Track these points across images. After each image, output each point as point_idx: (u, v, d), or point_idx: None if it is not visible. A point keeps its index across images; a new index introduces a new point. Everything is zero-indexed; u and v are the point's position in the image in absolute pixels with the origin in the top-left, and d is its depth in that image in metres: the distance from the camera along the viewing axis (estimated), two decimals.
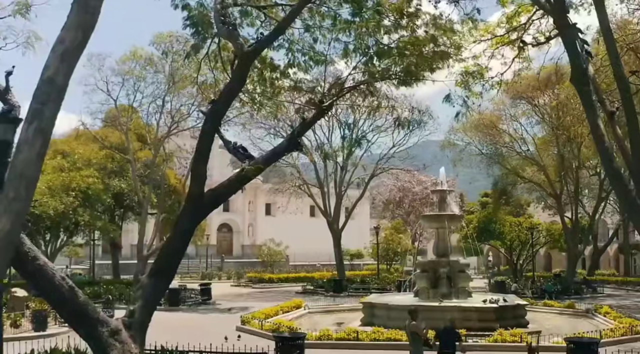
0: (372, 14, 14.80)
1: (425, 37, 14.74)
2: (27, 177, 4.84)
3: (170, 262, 10.85)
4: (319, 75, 16.51)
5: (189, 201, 10.73)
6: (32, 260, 9.08)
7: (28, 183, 4.87)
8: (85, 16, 5.41)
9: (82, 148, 33.36)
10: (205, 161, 10.75)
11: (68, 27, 5.29)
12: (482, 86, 14.61)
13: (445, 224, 22.66)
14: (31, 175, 4.88)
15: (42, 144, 4.97)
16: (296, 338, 11.85)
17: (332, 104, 14.07)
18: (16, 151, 4.97)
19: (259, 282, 41.63)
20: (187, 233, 10.88)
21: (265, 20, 14.73)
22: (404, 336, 14.15)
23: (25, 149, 4.89)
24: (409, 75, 14.45)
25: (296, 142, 12.19)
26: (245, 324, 18.96)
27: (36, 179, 5.01)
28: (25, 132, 4.94)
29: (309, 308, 24.17)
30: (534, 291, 31.66)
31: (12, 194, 4.77)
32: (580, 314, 23.10)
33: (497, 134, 35.44)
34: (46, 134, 5.02)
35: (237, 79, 11.17)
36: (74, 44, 5.27)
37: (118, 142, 34.36)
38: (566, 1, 13.88)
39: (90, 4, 5.44)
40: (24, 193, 4.85)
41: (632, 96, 9.69)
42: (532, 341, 11.01)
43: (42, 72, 5.20)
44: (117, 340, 9.65)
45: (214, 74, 16.77)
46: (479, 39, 15.23)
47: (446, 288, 20.98)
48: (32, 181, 4.92)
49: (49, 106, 5.02)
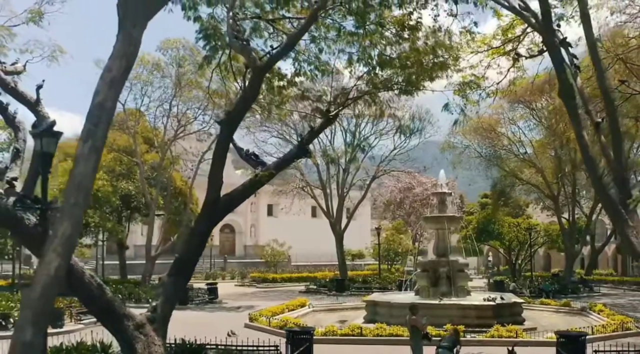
0: (375, 26, 15.66)
1: (425, 49, 15.59)
2: (84, 187, 5.66)
3: (189, 262, 11.70)
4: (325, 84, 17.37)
5: (206, 205, 11.56)
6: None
7: (85, 193, 5.69)
8: (129, 47, 6.23)
9: None
10: (222, 168, 11.58)
11: (115, 57, 6.12)
12: (479, 95, 15.47)
13: (445, 225, 23.48)
14: (87, 186, 5.70)
15: (96, 159, 5.79)
16: (305, 332, 12.68)
17: (338, 113, 14.93)
18: (75, 165, 5.78)
19: (263, 282, 42.45)
20: (205, 235, 11.73)
21: (273, 32, 15.62)
22: (405, 332, 14.96)
23: (82, 163, 5.70)
24: (410, 85, 15.29)
25: (305, 149, 13.06)
26: (254, 321, 19.77)
27: (91, 189, 5.83)
28: (82, 149, 5.76)
29: (313, 307, 25.01)
30: (531, 290, 32.43)
31: (73, 201, 5.59)
32: (575, 312, 23.90)
33: (495, 137, 36.27)
34: (99, 151, 5.84)
35: (250, 91, 12.01)
36: (119, 72, 6.10)
37: (125, 145, 35.16)
38: (558, 14, 14.76)
39: (133, 36, 6.27)
40: (81, 201, 5.67)
41: (615, 109, 10.47)
42: (512, 347, 11.78)
43: (92, 97, 6.02)
44: (142, 333, 10.48)
45: (225, 83, 17.68)
46: (476, 50, 16.06)
47: (446, 286, 21.80)
48: (88, 191, 5.74)
49: (100, 127, 5.84)
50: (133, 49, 6.32)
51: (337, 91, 16.04)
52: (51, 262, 5.43)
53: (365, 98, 15.23)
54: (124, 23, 6.23)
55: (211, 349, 11.27)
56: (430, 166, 41.61)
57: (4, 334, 18.22)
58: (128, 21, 6.22)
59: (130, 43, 6.24)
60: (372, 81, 15.54)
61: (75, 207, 5.62)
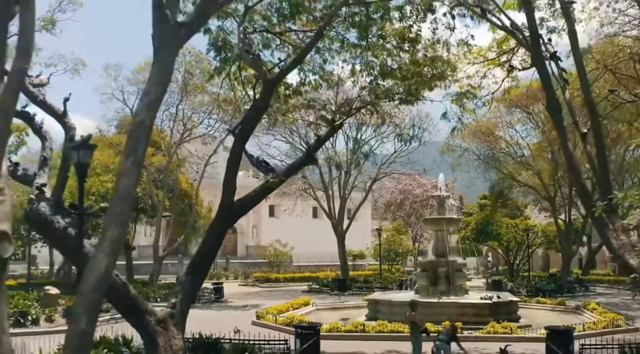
0: (377, 39, 16.57)
1: (424, 60, 16.48)
2: (128, 197, 6.54)
3: (205, 262, 12.61)
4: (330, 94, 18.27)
5: (220, 209, 12.43)
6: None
7: (128, 202, 6.57)
8: (164, 74, 7.12)
9: (99, 154, 35.06)
10: (235, 175, 12.46)
11: (152, 83, 6.99)
12: (475, 104, 16.35)
13: (444, 226, 24.35)
14: (131, 196, 6.57)
15: (137, 172, 6.67)
16: (312, 327, 13.56)
17: (343, 123, 15.83)
18: (119, 177, 6.66)
19: (266, 281, 43.32)
20: (219, 237, 12.63)
21: (280, 44, 16.53)
22: (406, 328, 15.82)
23: (126, 176, 6.58)
24: (410, 95, 16.18)
25: (312, 157, 13.95)
26: (261, 319, 20.65)
27: (133, 199, 6.70)
28: (125, 164, 6.63)
29: (317, 305, 25.87)
30: (528, 289, 33.26)
31: (118, 210, 6.47)
32: (570, 310, 24.78)
33: (493, 140, 37.16)
34: (140, 165, 6.71)
35: (261, 103, 12.90)
36: (157, 95, 6.98)
37: None
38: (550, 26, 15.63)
39: (167, 65, 7.16)
40: (125, 210, 6.55)
41: (600, 122, 11.34)
42: (505, 347, 12.62)
43: (133, 117, 6.90)
44: (163, 327, 11.37)
45: (234, 92, 18.60)
46: (472, 61, 16.95)
47: (444, 285, 22.66)
48: (131, 201, 6.61)
49: (141, 144, 6.72)
50: (168, 75, 7.20)
51: (341, 100, 16.96)
52: (102, 262, 6.31)
53: (368, 107, 16.11)
54: (158, 53, 7.10)
55: (226, 343, 12.13)
56: (430, 169, 42.48)
57: (22, 331, 19.16)
58: (162, 52, 7.10)
59: (165, 71, 7.12)
60: (374, 91, 16.45)
61: (121, 215, 6.49)
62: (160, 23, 7.19)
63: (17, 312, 19.97)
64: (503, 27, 13.36)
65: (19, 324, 19.75)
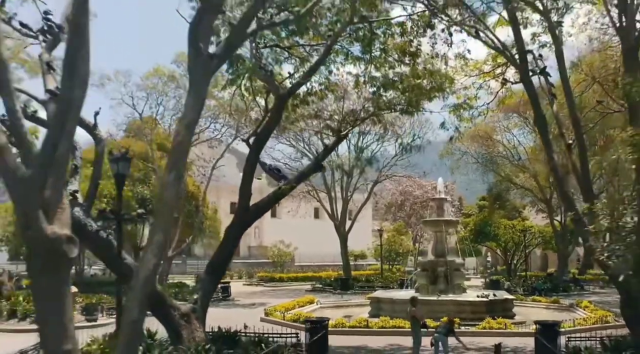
0: (380, 52, 17.73)
1: (424, 73, 17.63)
2: (171, 207, 7.67)
3: (223, 262, 13.79)
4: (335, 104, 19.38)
5: (237, 213, 13.60)
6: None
7: (171, 211, 7.71)
8: (199, 101, 8.25)
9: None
10: (251, 182, 13.62)
11: (188, 107, 8.12)
12: (471, 114, 17.47)
13: (443, 228, 25.50)
14: (173, 206, 7.71)
15: (178, 186, 7.80)
16: (321, 321, 14.69)
17: (349, 133, 17.01)
18: (162, 190, 7.80)
19: (270, 281, 44.47)
20: (236, 239, 13.81)
21: (288, 57, 17.69)
22: (407, 324, 16.96)
23: (168, 189, 7.70)
24: (411, 106, 17.33)
25: (320, 165, 15.12)
26: (269, 315, 21.79)
27: (175, 207, 7.83)
28: (168, 177, 7.76)
29: (321, 304, 26.97)
30: (525, 288, 34.37)
31: (163, 217, 7.60)
32: (563, 308, 25.91)
33: (491, 144, 38.28)
34: (180, 179, 7.85)
35: (274, 116, 14.05)
36: (193, 118, 8.10)
37: (141, 152, 37.15)
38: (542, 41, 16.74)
39: (201, 93, 8.31)
40: (170, 217, 7.70)
41: (582, 134, 12.46)
42: (499, 343, 13.63)
43: (174, 137, 8.04)
44: (186, 321, 12.57)
45: (245, 102, 19.75)
46: (469, 74, 18.09)
47: (443, 284, 23.81)
48: (173, 209, 7.75)
49: (181, 161, 7.86)
50: (202, 101, 8.33)
51: (346, 110, 18.07)
52: (150, 261, 7.44)
53: (372, 118, 17.28)
54: (193, 82, 8.22)
55: (242, 336, 13.26)
56: (430, 171, 43.62)
57: None
58: (197, 81, 8.22)
59: (200, 97, 8.25)
60: (377, 102, 17.60)
61: (165, 222, 7.64)
62: (194, 57, 8.33)
63: None
64: (495, 47, 14.48)
65: None
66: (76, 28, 6.79)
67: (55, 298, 7.03)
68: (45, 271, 7.00)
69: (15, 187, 6.76)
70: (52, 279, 6.96)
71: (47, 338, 7.07)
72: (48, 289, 6.98)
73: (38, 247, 6.88)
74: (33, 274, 7.26)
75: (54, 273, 6.99)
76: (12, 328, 20.43)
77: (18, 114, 7.40)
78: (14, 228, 32.74)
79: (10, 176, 6.72)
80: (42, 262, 6.95)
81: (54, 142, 6.95)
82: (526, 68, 13.19)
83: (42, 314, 7.33)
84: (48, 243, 6.72)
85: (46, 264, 6.92)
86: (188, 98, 8.24)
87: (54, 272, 6.99)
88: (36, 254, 7.03)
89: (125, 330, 7.32)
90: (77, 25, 6.78)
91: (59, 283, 7.02)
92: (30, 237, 6.93)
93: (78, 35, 6.74)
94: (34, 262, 7.21)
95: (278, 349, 12.52)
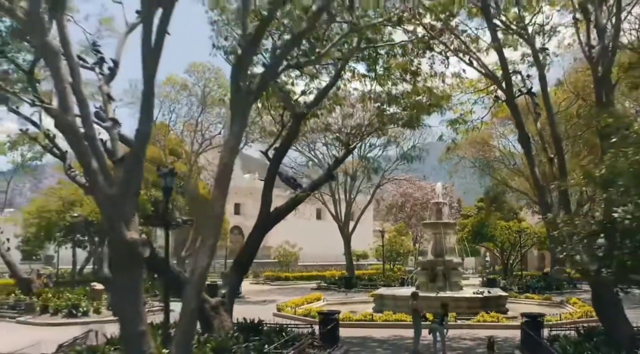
0: (383, 70, 19.63)
1: (423, 91, 19.49)
2: (219, 216, 9.52)
3: (247, 260, 15.66)
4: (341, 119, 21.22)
5: (260, 218, 15.46)
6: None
7: (220, 220, 9.56)
8: (240, 128, 10.09)
9: None
10: (271, 190, 15.48)
11: (232, 135, 9.95)
12: (466, 127, 19.30)
13: (441, 230, 27.37)
14: (221, 215, 9.55)
15: (224, 199, 9.65)
16: (333, 313, 16.54)
17: (357, 146, 18.90)
18: (213, 201, 9.63)
19: (276, 280, 46.32)
20: (259, 241, 15.65)
21: (300, 75, 19.56)
22: (408, 318, 18.81)
23: (217, 201, 9.55)
24: (412, 121, 19.18)
25: (331, 175, 16.98)
26: (281, 311, 23.64)
27: (222, 218, 9.68)
28: (215, 192, 9.61)
29: (327, 301, 28.82)
30: (520, 286, 36.22)
31: (214, 225, 9.45)
32: (554, 304, 27.74)
33: (488, 149, 40.02)
34: (225, 194, 9.68)
35: (292, 132, 15.91)
36: (236, 144, 9.96)
37: (154, 157, 38.99)
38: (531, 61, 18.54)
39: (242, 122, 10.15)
40: (219, 225, 9.54)
41: (562, 150, 14.27)
42: (491, 337, 15.35)
43: (220, 159, 9.89)
44: (216, 312, 14.41)
45: (261, 115, 21.57)
46: (464, 90, 19.94)
47: (442, 282, 25.65)
48: (221, 219, 9.59)
49: (226, 179, 9.69)
50: (242, 128, 10.18)
51: (353, 124, 19.94)
52: (203, 260, 9.29)
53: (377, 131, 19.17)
54: (235, 114, 10.06)
55: (265, 326, 15.11)
56: (430, 174, 45.39)
57: (74, 321, 22.15)
58: (237, 113, 10.06)
59: (240, 125, 10.08)
60: (381, 117, 19.46)
61: (215, 229, 9.49)
62: (235, 92, 10.17)
63: (69, 305, 22.94)
64: (485, 74, 16.33)
65: (71, 315, 22.73)
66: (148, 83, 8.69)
67: (131, 289, 8.92)
68: (124, 268, 8.90)
69: (104, 203, 8.66)
70: (130, 274, 8.85)
71: (125, 322, 8.96)
72: (126, 282, 8.85)
73: (120, 250, 8.78)
74: (114, 270, 9.14)
75: (131, 270, 8.89)
76: (46, 321, 22.28)
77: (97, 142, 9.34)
78: (34, 230, 34.48)
79: (101, 195, 8.61)
80: (121, 261, 8.85)
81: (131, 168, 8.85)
82: (511, 92, 15.01)
83: (120, 303, 9.23)
84: (127, 246, 8.62)
85: (125, 263, 8.81)
86: (232, 127, 10.07)
87: (131, 269, 8.89)
88: (117, 255, 8.94)
89: (184, 318, 9.17)
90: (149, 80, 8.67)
91: (135, 277, 8.92)
92: (114, 241, 8.83)
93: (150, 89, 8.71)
94: (116, 261, 9.12)
95: (296, 337, 14.36)
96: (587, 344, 12.58)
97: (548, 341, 13.99)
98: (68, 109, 8.28)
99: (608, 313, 12.68)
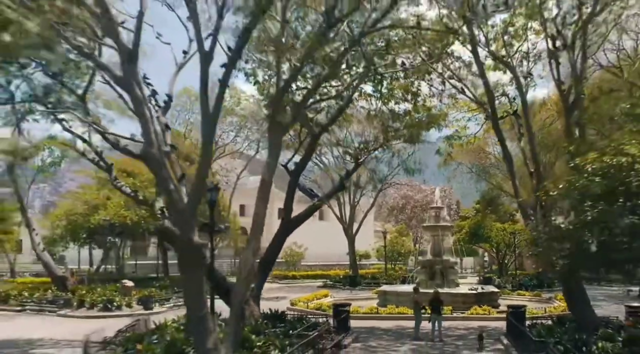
0: (387, 91, 22.13)
1: (423, 109, 21.92)
2: (260, 222, 12.06)
3: (271, 260, 18.18)
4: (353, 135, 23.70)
5: (282, 223, 17.97)
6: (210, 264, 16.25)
7: (261, 224, 12.10)
8: (277, 153, 12.63)
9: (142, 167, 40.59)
10: (292, 200, 18.00)
11: (271, 157, 12.48)
12: (461, 144, 21.81)
13: (439, 232, 29.95)
14: (262, 221, 12.08)
15: (265, 208, 12.17)
16: (345, 305, 19.09)
17: (365, 159, 21.45)
18: (256, 210, 12.17)
19: (284, 278, 48.83)
20: (282, 242, 18.17)
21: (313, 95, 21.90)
22: (409, 311, 21.33)
23: (258, 209, 12.09)
24: (412, 137, 21.64)
25: (343, 185, 19.47)
26: (294, 305, 26.18)
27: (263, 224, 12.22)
28: (258, 203, 12.15)
29: (334, 297, 31.29)
30: (513, 284, 38.72)
31: (255, 229, 11.98)
32: (543, 300, 30.22)
33: (483, 156, 42.52)
34: (266, 207, 12.21)
35: (310, 150, 18.40)
36: (274, 165, 12.49)
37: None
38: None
39: (277, 150, 12.68)
40: (260, 229, 12.08)
41: (539, 165, 16.82)
42: (482, 332, 17.74)
43: (261, 180, 12.44)
44: (247, 304, 16.84)
45: None
46: (459, 109, 22.47)
47: (440, 280, 28.19)
48: (262, 224, 12.12)
49: (266, 192, 12.23)
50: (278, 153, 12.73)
51: (361, 140, 22.52)
52: (249, 259, 11.84)
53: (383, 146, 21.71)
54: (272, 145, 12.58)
55: (287, 316, 17.64)
56: (429, 179, 47.88)
57: (110, 314, 24.64)
58: (274, 143, 12.59)
59: (276, 152, 12.61)
60: (386, 133, 21.94)
61: (257, 232, 12.03)
62: (271, 128, 12.69)
63: (104, 300, 25.46)
64: (474, 101, 18.91)
65: (106, 309, 25.23)
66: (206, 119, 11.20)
67: (196, 282, 11.45)
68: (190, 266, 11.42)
69: (177, 215, 11.17)
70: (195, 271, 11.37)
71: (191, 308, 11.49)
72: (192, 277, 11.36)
73: (187, 251, 11.29)
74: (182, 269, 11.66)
75: (196, 267, 11.42)
76: (85, 314, 24.78)
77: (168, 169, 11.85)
78: (60, 231, 36.95)
79: (173, 208, 11.14)
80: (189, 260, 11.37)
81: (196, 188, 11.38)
82: (496, 117, 17.56)
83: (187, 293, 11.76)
84: (194, 248, 11.13)
85: (192, 262, 11.33)
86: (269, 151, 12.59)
87: (196, 266, 11.43)
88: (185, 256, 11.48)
89: (235, 309, 11.68)
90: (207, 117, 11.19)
91: (199, 273, 11.45)
92: (184, 245, 11.37)
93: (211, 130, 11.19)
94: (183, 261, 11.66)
95: (314, 325, 16.88)
96: (558, 330, 15.11)
97: (528, 328, 16.51)
98: (152, 143, 10.77)
99: (577, 304, 15.20)
